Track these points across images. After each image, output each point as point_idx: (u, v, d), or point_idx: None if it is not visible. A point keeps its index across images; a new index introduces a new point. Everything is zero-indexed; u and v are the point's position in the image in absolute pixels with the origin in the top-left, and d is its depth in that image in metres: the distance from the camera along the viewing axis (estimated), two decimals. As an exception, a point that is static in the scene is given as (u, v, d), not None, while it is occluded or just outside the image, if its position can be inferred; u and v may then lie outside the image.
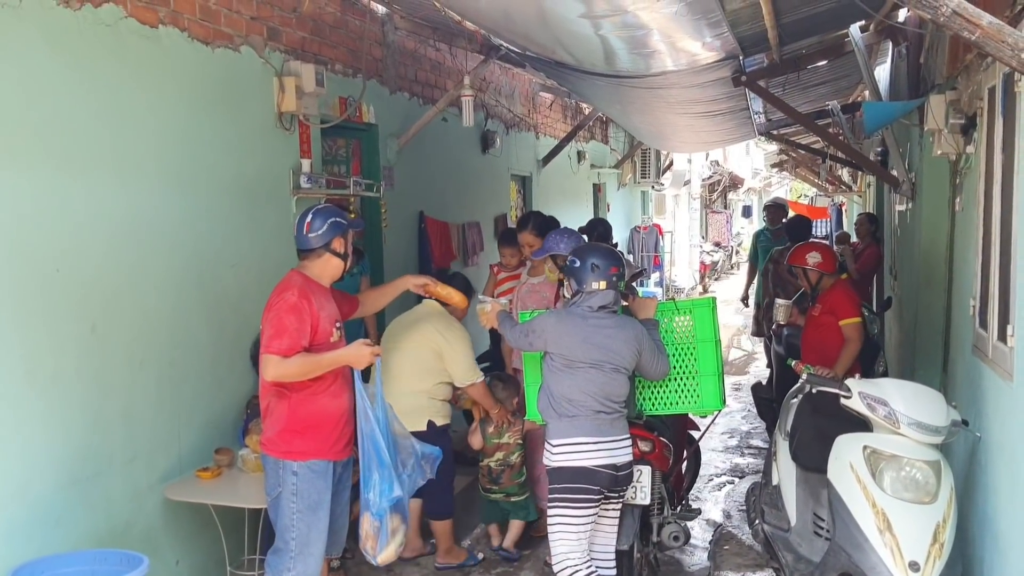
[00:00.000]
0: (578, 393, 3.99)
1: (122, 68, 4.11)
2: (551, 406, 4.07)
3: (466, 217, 8.53)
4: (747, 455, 7.48)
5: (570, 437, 3.98)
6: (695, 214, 24.94)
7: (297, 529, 3.77)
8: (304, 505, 3.78)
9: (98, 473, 3.97)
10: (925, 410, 3.72)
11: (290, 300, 3.74)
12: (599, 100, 8.63)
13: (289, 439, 3.79)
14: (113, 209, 4.06)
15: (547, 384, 4.13)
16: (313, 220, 3.91)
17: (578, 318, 4.06)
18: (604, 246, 4.45)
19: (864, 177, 13.90)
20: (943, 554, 3.49)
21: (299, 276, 3.90)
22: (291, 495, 3.77)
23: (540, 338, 4.11)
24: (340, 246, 3.96)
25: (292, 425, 3.79)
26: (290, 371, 3.70)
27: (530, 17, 4.82)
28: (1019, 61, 2.40)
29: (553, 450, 4.02)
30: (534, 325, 4.17)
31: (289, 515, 3.78)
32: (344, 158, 6.59)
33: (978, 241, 4.23)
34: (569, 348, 4.02)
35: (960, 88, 4.77)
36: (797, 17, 5.35)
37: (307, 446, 3.80)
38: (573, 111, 12.38)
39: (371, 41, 6.53)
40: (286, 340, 3.68)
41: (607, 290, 4.07)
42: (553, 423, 4.06)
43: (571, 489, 3.96)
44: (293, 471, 3.77)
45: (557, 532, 4.01)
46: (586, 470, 3.95)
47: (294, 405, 3.80)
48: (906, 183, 6.78)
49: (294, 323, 3.70)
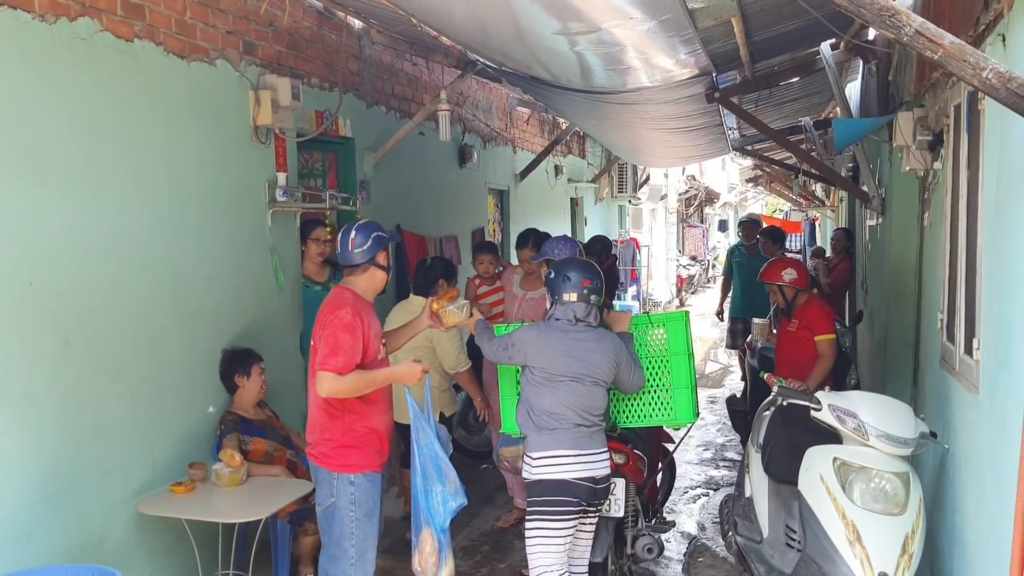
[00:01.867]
0: (559, 406, 4.01)
1: (97, 82, 4.11)
2: (530, 419, 4.08)
3: (443, 231, 8.55)
4: (722, 467, 7.52)
5: (550, 450, 4.00)
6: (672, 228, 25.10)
7: (356, 536, 3.92)
8: (362, 513, 3.94)
9: (71, 488, 3.94)
10: (894, 422, 3.78)
11: (345, 319, 3.81)
12: (576, 115, 8.69)
13: (345, 454, 3.93)
14: (87, 223, 4.05)
15: (526, 397, 4.13)
16: (357, 236, 3.97)
17: (558, 332, 4.08)
18: (581, 259, 4.48)
19: (837, 192, 14.05)
20: (912, 565, 3.54)
21: (349, 293, 3.97)
22: (350, 504, 3.91)
23: (520, 352, 4.11)
24: (384, 259, 4.06)
25: (348, 441, 3.93)
26: (345, 387, 3.80)
27: (506, 33, 4.87)
28: (980, 80, 2.45)
29: (533, 463, 4.04)
30: (513, 339, 4.16)
31: (348, 523, 3.92)
32: (320, 171, 6.60)
33: (945, 256, 4.30)
34: (550, 361, 4.03)
35: (927, 105, 4.87)
36: (768, 35, 5.43)
37: (362, 460, 3.95)
38: (550, 126, 12.45)
39: (347, 55, 6.55)
40: (342, 358, 3.76)
41: (578, 302, 4.10)
42: (533, 436, 4.07)
43: (551, 502, 3.98)
44: (350, 482, 3.91)
45: (536, 545, 4.02)
46: (566, 483, 3.97)
47: (348, 423, 3.93)
48: (876, 198, 6.88)
49: (349, 341, 3.78)
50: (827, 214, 17.17)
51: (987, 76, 2.43)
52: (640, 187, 17.21)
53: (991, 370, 3.23)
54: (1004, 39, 3.07)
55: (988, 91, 2.46)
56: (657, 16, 4.15)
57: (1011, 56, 2.95)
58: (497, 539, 5.76)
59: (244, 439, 4.75)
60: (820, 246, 14.44)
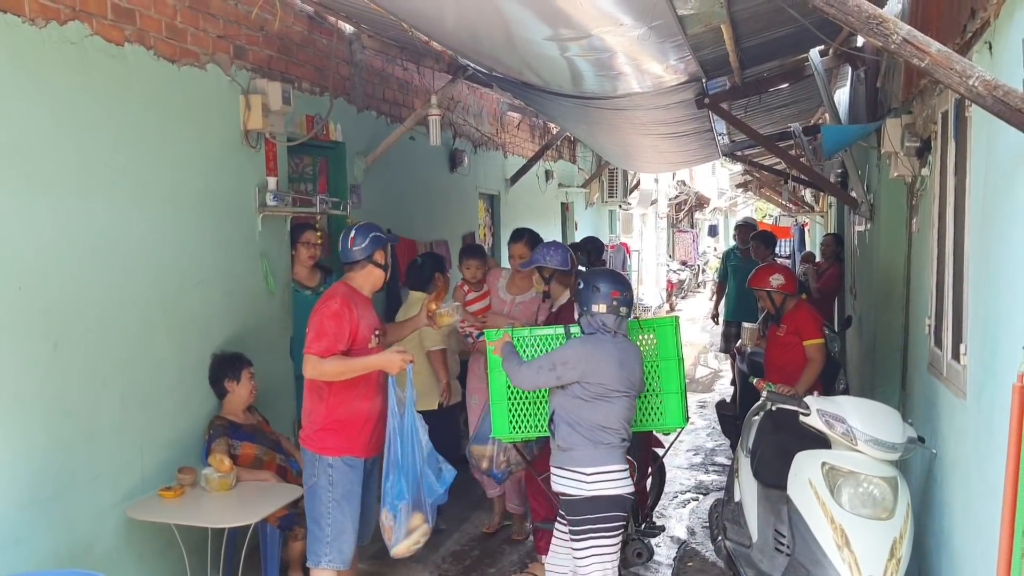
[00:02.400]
0: (612, 421, 3.97)
1: (87, 86, 4.11)
2: (578, 433, 3.98)
3: (434, 235, 8.55)
4: (712, 472, 7.54)
5: (606, 465, 3.95)
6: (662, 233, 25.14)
7: (332, 516, 4.12)
8: (339, 495, 4.13)
9: (60, 492, 3.93)
10: (882, 427, 3.79)
11: (332, 307, 4.10)
12: (566, 120, 8.71)
13: (324, 437, 4.16)
14: (77, 227, 4.04)
15: (570, 412, 4.00)
16: (356, 235, 4.27)
17: (608, 344, 4.00)
18: (611, 270, 4.47)
19: (826, 198, 14.11)
20: (900, 569, 3.55)
21: (344, 286, 4.26)
22: (327, 485, 4.13)
23: (573, 370, 3.96)
24: (381, 258, 4.33)
25: (328, 425, 4.16)
26: (327, 370, 4.06)
27: (497, 39, 4.89)
28: (966, 88, 2.48)
29: (587, 479, 3.95)
30: (562, 357, 4.00)
31: (326, 503, 4.12)
32: (311, 176, 6.60)
33: (932, 261, 4.33)
34: (607, 376, 3.94)
35: (915, 112, 4.90)
36: (757, 41, 5.46)
37: (341, 443, 4.15)
38: (541, 131, 12.47)
39: (338, 59, 6.55)
40: (324, 342, 4.03)
41: (607, 314, 4.04)
42: (584, 451, 3.97)
43: (606, 518, 3.95)
44: (329, 464, 4.14)
45: (592, 561, 3.96)
46: (621, 498, 3.98)
47: (331, 407, 4.16)
48: (865, 204, 6.91)
49: (333, 328, 4.05)
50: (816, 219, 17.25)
51: (973, 84, 2.45)
52: (631, 192, 17.25)
53: (978, 375, 3.26)
54: (990, 47, 3.10)
55: (974, 99, 2.48)
56: (647, 22, 4.17)
57: (997, 64, 2.98)
58: (486, 544, 5.76)
59: (233, 443, 4.74)
60: (810, 251, 14.49)
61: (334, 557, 4.12)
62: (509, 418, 4.51)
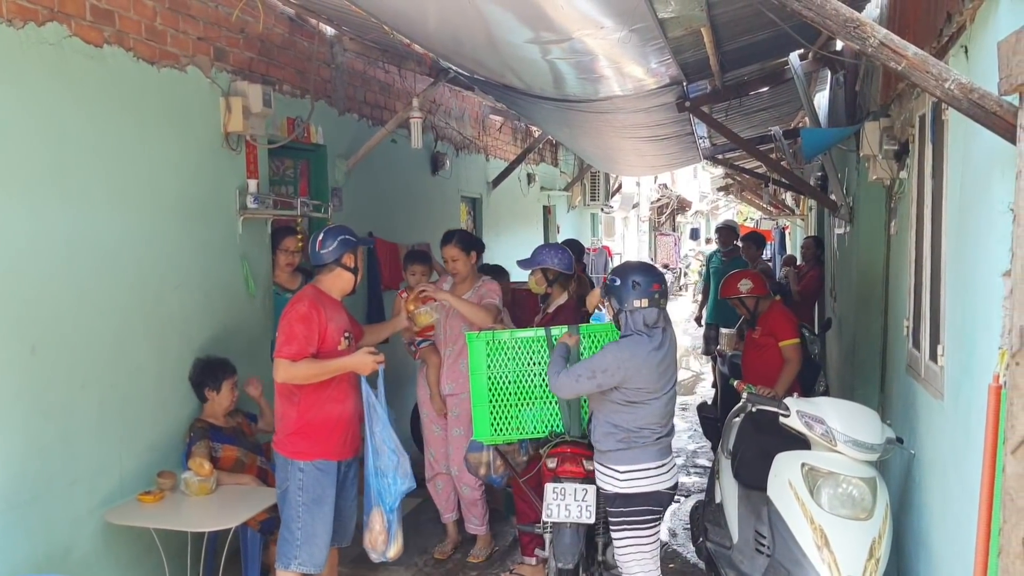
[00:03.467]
0: (651, 421, 4.00)
1: (66, 87, 4.08)
2: (613, 436, 4.01)
3: (416, 238, 8.52)
4: (693, 474, 7.56)
5: (640, 463, 4.00)
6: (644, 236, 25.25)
7: (303, 520, 4.09)
8: (309, 499, 4.10)
9: (37, 497, 3.90)
10: (861, 428, 3.82)
11: (300, 310, 4.08)
12: (548, 123, 8.73)
13: (296, 441, 4.14)
14: (55, 229, 4.01)
15: (609, 416, 4.02)
16: (324, 239, 4.24)
17: (647, 347, 3.94)
18: (644, 263, 4.41)
19: (806, 201, 14.19)
20: (879, 569, 3.57)
21: (312, 289, 4.25)
22: (298, 489, 4.10)
23: (613, 377, 3.92)
24: (350, 261, 4.29)
25: (300, 429, 4.13)
26: (298, 374, 4.04)
27: (479, 42, 4.89)
28: (943, 91, 2.50)
29: (620, 476, 4.02)
30: (601, 364, 3.92)
31: (295, 507, 4.10)
32: (292, 179, 6.58)
33: (911, 264, 4.36)
34: (648, 381, 3.94)
35: (893, 115, 4.93)
36: (737, 45, 5.49)
37: (312, 447, 4.13)
38: (523, 134, 12.49)
39: (319, 62, 6.54)
40: (295, 346, 4.01)
41: (649, 308, 4.00)
42: (618, 451, 4.01)
43: (639, 512, 4.03)
44: (300, 468, 4.11)
45: (631, 555, 4.08)
46: (657, 494, 4.04)
47: (302, 411, 4.13)
48: (844, 207, 6.96)
49: (303, 331, 4.03)
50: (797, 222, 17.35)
51: (949, 87, 2.47)
52: (612, 195, 17.31)
53: (955, 376, 3.28)
54: (966, 51, 3.13)
55: (951, 102, 2.50)
56: (628, 25, 4.19)
57: (973, 68, 3.00)
58: (468, 548, 5.74)
59: (214, 446, 4.72)
60: (791, 254, 14.57)
61: (304, 560, 4.10)
62: (491, 420, 4.51)
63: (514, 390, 4.52)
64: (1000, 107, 2.40)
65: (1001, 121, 2.40)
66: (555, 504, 4.33)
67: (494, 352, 4.52)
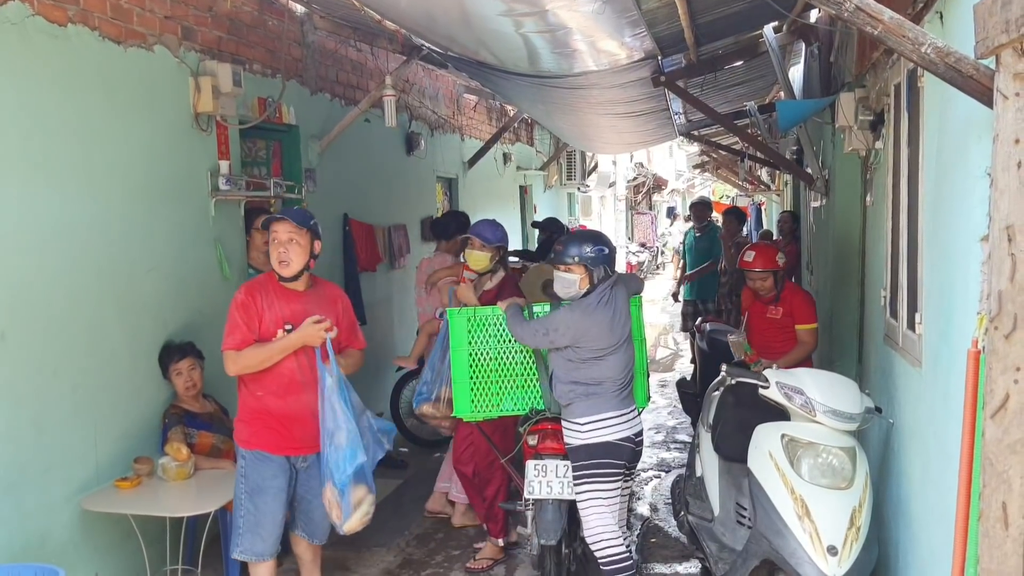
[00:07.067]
0: (607, 374, 4.13)
1: (29, 68, 3.99)
2: (572, 390, 4.16)
3: (392, 219, 8.48)
4: (673, 450, 7.58)
5: (597, 413, 4.13)
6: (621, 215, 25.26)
7: (245, 508, 4.01)
8: (250, 487, 4.00)
9: (11, 486, 3.84)
10: (840, 398, 3.83)
11: (238, 298, 3.99)
12: (523, 101, 8.67)
13: (240, 428, 4.09)
14: (21, 213, 3.93)
15: (567, 373, 4.18)
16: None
17: (599, 306, 4.13)
18: (578, 232, 4.62)
19: (782, 176, 14.24)
20: (860, 537, 3.59)
21: (262, 276, 4.15)
22: (241, 476, 4.04)
23: (564, 336, 4.12)
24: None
25: (242, 416, 4.09)
26: (247, 363, 3.94)
27: (452, 17, 4.83)
28: (919, 55, 2.48)
29: (581, 428, 4.14)
30: (553, 323, 4.16)
31: (239, 494, 4.04)
32: (264, 160, 6.50)
33: (887, 234, 4.37)
34: (598, 339, 4.10)
35: (868, 86, 4.93)
36: (712, 17, 5.46)
37: (251, 437, 4.03)
38: (498, 113, 12.42)
39: (290, 41, 6.45)
40: (238, 335, 3.93)
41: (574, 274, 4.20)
42: (578, 403, 4.16)
43: (599, 464, 4.12)
44: (243, 455, 4.04)
45: (590, 507, 4.16)
46: (613, 444, 4.13)
47: (243, 399, 4.08)
48: (820, 180, 6.97)
49: (243, 318, 3.95)
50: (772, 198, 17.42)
51: (926, 51, 2.45)
52: (589, 174, 17.28)
53: (933, 344, 3.29)
54: (942, 16, 3.12)
55: (927, 66, 2.48)
56: (601, -3, 4.14)
57: (948, 33, 2.99)
58: (449, 527, 5.74)
59: (190, 432, 4.67)
60: (768, 230, 14.63)
61: (245, 549, 4.00)
62: (471, 397, 4.51)
63: (495, 367, 4.52)
64: (977, 70, 2.38)
65: (978, 85, 2.39)
66: (537, 481, 4.33)
67: (475, 328, 4.52)
